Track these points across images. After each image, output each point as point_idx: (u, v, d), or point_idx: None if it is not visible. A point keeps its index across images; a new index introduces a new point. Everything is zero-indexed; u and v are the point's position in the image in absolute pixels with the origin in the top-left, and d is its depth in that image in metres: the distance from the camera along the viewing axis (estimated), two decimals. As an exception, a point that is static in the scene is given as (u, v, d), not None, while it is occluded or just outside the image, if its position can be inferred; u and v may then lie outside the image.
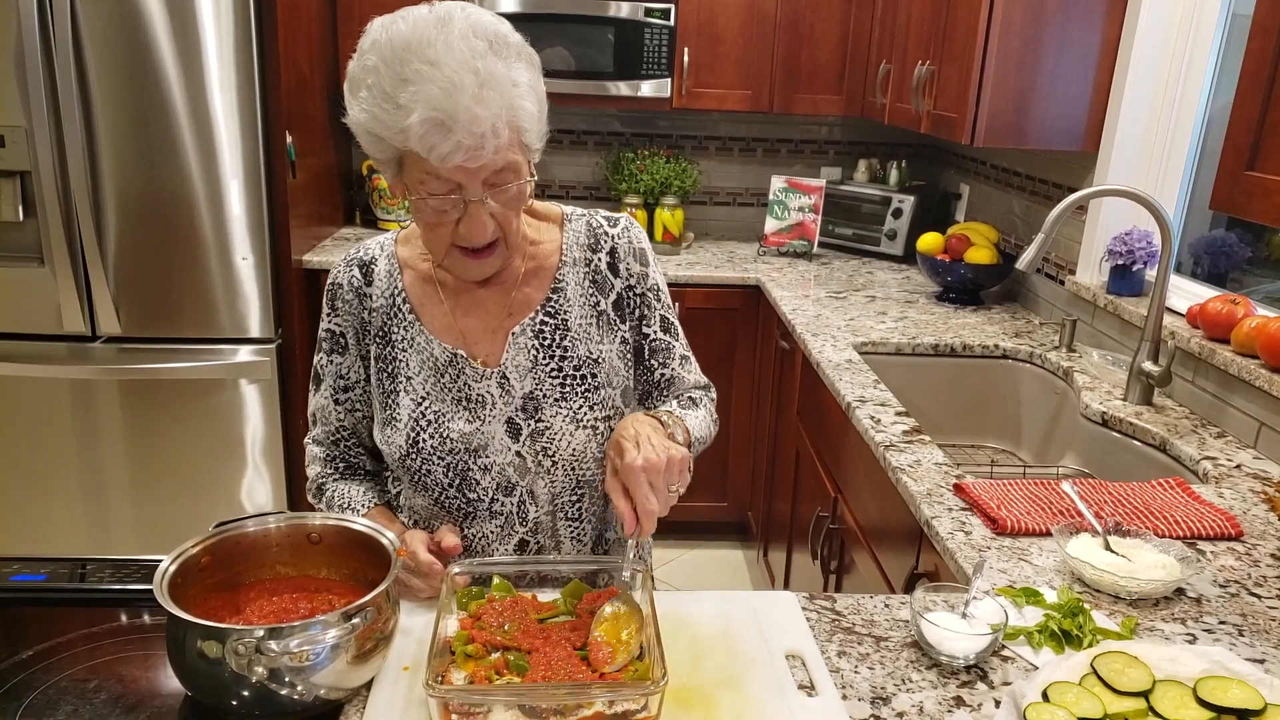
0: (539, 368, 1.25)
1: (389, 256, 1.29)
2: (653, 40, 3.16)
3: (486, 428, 1.24)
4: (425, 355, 1.25)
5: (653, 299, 1.33)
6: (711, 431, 1.36)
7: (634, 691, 0.93)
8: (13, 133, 2.47)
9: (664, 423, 1.17)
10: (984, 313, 2.75)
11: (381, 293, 1.27)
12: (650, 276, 1.32)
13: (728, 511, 3.36)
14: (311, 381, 1.33)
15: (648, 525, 1.07)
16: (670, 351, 1.35)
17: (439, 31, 1.04)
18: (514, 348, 1.25)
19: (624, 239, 1.31)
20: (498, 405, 1.24)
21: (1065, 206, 1.91)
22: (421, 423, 1.24)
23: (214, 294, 2.68)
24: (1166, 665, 1.01)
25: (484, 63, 1.04)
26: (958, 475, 1.60)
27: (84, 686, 1.00)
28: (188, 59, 2.50)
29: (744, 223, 3.77)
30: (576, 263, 1.29)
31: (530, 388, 1.25)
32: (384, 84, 1.04)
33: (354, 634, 0.93)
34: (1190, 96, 2.25)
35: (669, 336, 1.35)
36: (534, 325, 1.26)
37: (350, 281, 1.28)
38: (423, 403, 1.24)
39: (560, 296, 1.27)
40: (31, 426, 2.72)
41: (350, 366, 1.29)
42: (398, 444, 1.25)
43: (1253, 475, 1.67)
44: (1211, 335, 1.93)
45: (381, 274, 1.28)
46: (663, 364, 1.34)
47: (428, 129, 1.03)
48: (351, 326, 1.28)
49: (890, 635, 1.13)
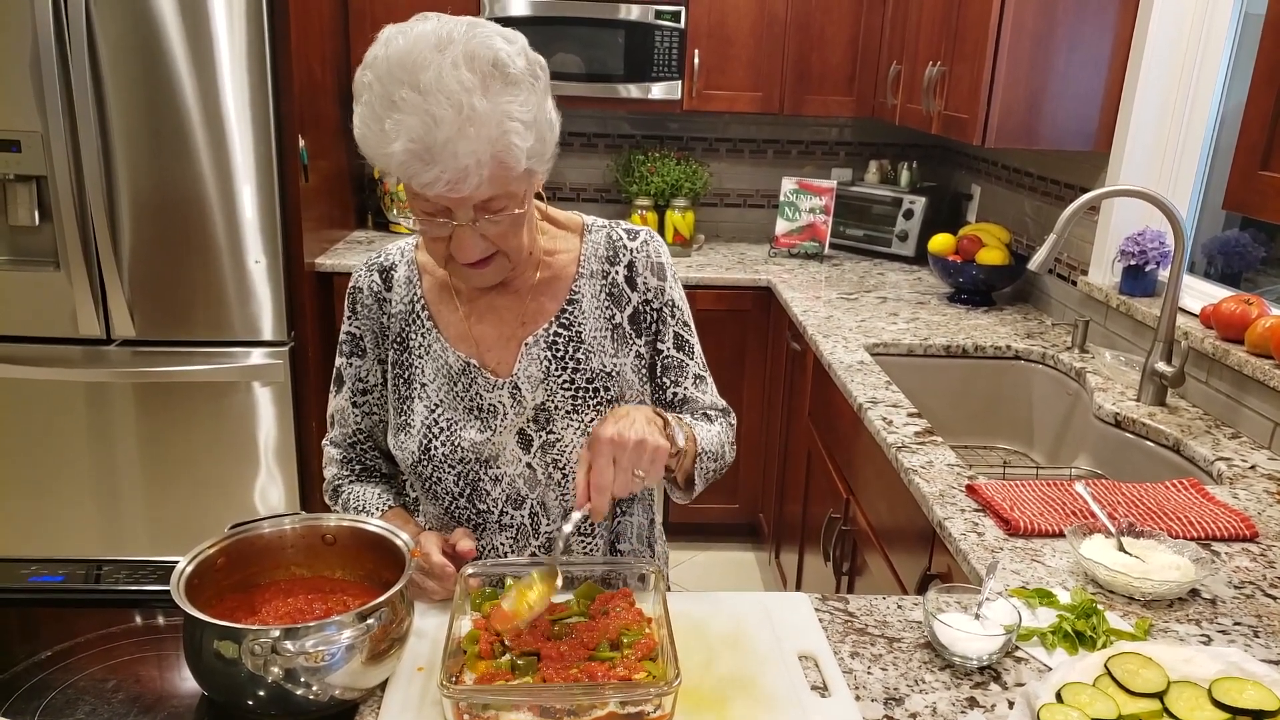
0: (551, 379, 1.25)
1: (409, 263, 1.29)
2: (663, 42, 3.16)
3: (498, 438, 1.24)
4: (440, 362, 1.25)
5: (668, 314, 1.30)
6: (726, 452, 1.31)
7: (648, 692, 0.93)
8: (29, 138, 2.49)
9: (665, 419, 1.13)
10: (996, 314, 2.74)
11: (401, 299, 1.27)
12: (667, 292, 1.30)
13: (739, 513, 3.36)
14: (333, 383, 1.34)
15: (597, 501, 1.03)
16: (684, 370, 1.32)
17: (434, 56, 1.00)
18: (526, 358, 1.25)
19: (643, 253, 1.29)
20: (509, 416, 1.24)
21: (1077, 207, 1.90)
22: (434, 430, 1.24)
23: (227, 297, 2.69)
24: (1181, 666, 1.01)
25: (471, 99, 1.00)
26: (970, 476, 1.60)
27: (102, 686, 1.01)
28: (201, 63, 2.52)
29: (755, 224, 3.77)
30: (594, 274, 1.28)
31: (542, 399, 1.25)
32: (375, 105, 1.03)
33: (369, 634, 0.93)
34: (1203, 96, 2.24)
35: (682, 354, 1.32)
36: (547, 336, 1.25)
37: (370, 286, 1.28)
38: (436, 410, 1.24)
39: (575, 309, 1.26)
40: (47, 429, 2.74)
41: (369, 370, 1.30)
42: (410, 450, 1.26)
43: (1267, 476, 1.66)
44: (1225, 336, 1.92)
45: (401, 280, 1.28)
46: (675, 382, 1.31)
47: (408, 159, 1.01)
48: (370, 331, 1.29)
49: (903, 636, 1.13)
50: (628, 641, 1.02)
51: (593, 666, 0.98)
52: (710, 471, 1.27)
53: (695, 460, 1.22)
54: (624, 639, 1.03)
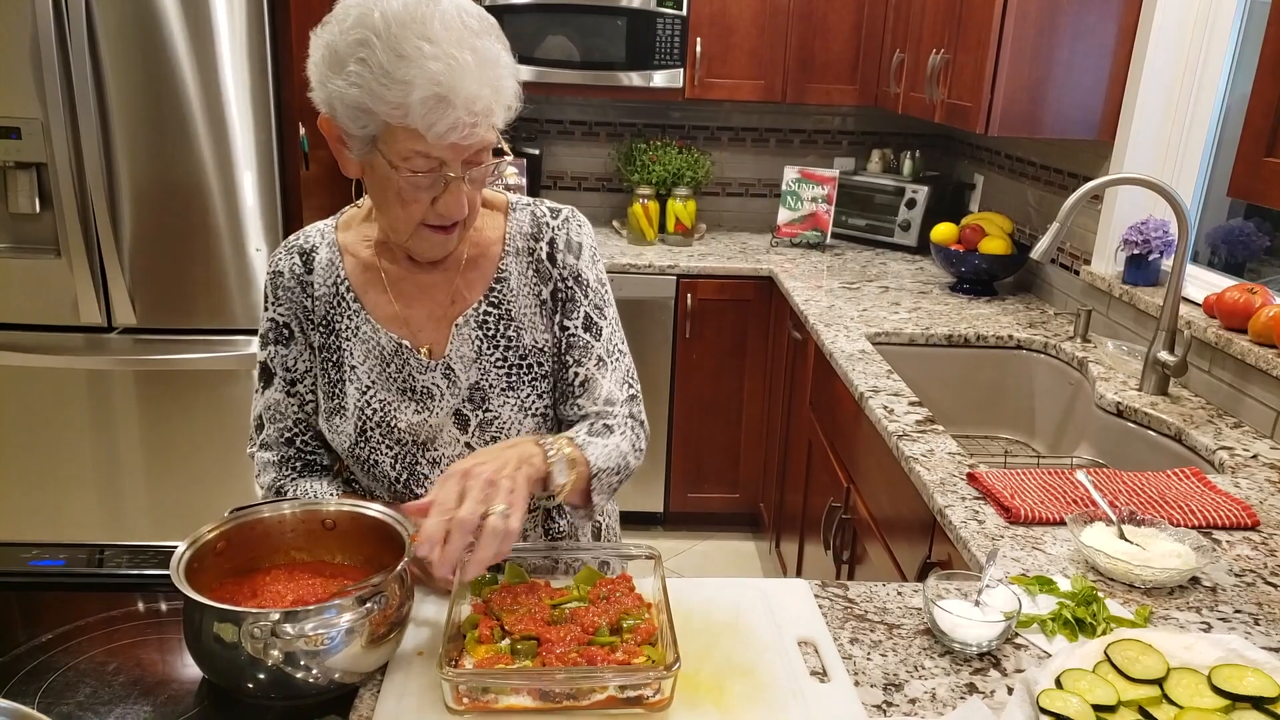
0: (484, 358, 1.24)
1: (330, 244, 1.27)
2: (665, 30, 3.15)
3: (435, 419, 1.23)
4: (371, 344, 1.23)
5: (579, 293, 1.27)
6: (630, 461, 1.24)
7: (647, 676, 0.93)
8: (29, 125, 2.49)
9: (545, 453, 1.09)
10: (998, 303, 2.73)
11: (324, 281, 1.25)
12: (582, 272, 1.28)
13: (739, 503, 3.37)
14: (259, 379, 1.28)
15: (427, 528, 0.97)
16: (588, 351, 1.27)
17: (430, 9, 1.03)
18: (458, 339, 1.24)
19: (564, 230, 1.28)
20: (445, 397, 1.24)
21: (1080, 195, 1.90)
22: (367, 411, 1.23)
23: (228, 285, 2.69)
24: (1181, 653, 1.01)
25: (477, 41, 1.05)
26: (971, 465, 1.60)
27: (103, 669, 1.01)
28: (201, 50, 2.51)
29: (757, 214, 3.76)
30: (519, 252, 1.27)
31: (476, 378, 1.24)
32: (380, 59, 1.02)
33: (368, 618, 0.93)
34: (1208, 84, 2.23)
35: (589, 335, 1.27)
36: (477, 316, 1.25)
37: (291, 269, 1.25)
38: (367, 392, 1.23)
39: (504, 287, 1.26)
40: (49, 416, 2.75)
41: (298, 356, 1.27)
42: (346, 433, 1.24)
43: (1269, 465, 1.66)
44: (1228, 325, 1.92)
45: (323, 261, 1.26)
46: (578, 362, 1.27)
47: (430, 105, 1.02)
48: (295, 315, 1.25)
49: (903, 623, 1.13)
50: (627, 626, 1.02)
51: (592, 651, 0.98)
52: (611, 485, 1.22)
53: (591, 481, 1.16)
54: (623, 624, 1.03)
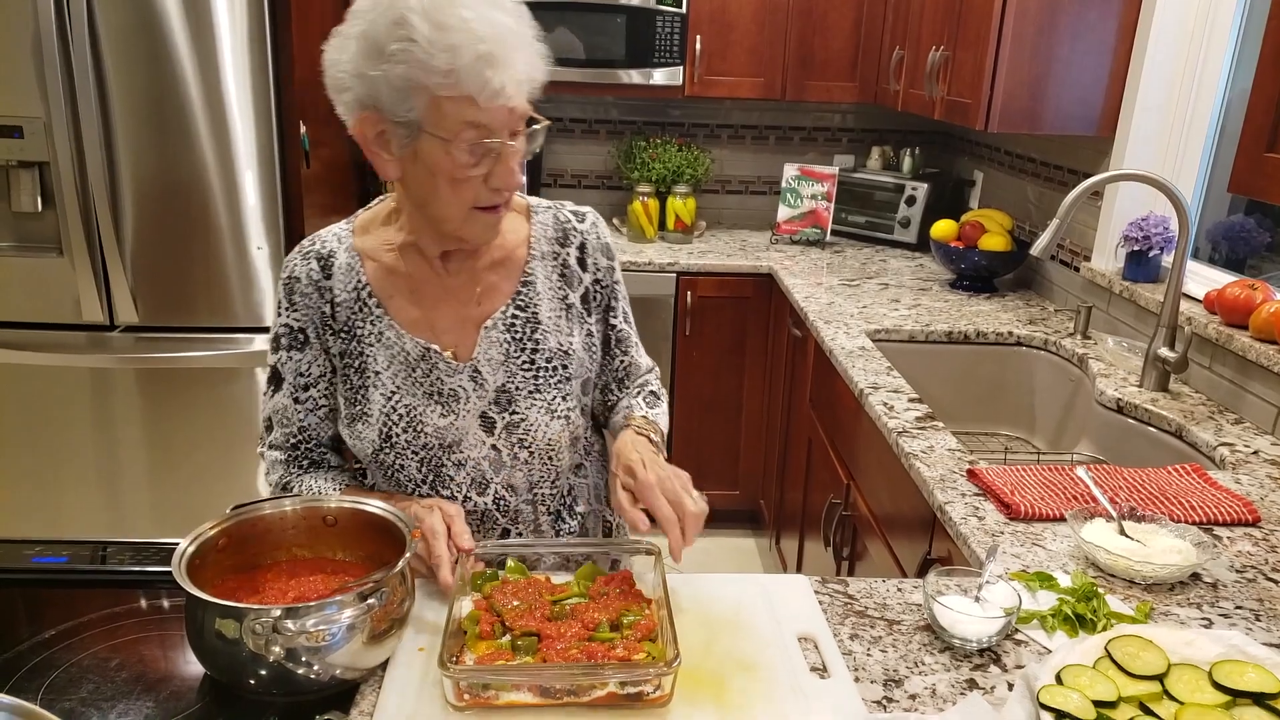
0: (511, 361, 1.26)
1: (348, 249, 1.26)
2: (664, 28, 3.15)
3: (461, 422, 1.24)
4: (395, 350, 1.23)
5: (619, 290, 1.37)
6: None
7: (647, 672, 0.94)
8: (31, 124, 2.49)
9: (655, 444, 1.25)
10: (998, 300, 2.73)
11: (344, 286, 1.24)
12: (615, 270, 1.36)
13: (739, 500, 3.37)
14: (268, 382, 1.29)
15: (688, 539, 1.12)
16: (629, 340, 1.40)
17: None
18: (486, 341, 1.25)
19: (593, 234, 1.34)
20: (471, 399, 1.24)
21: (1081, 191, 1.89)
22: (393, 417, 1.23)
23: (229, 283, 2.69)
24: (1182, 649, 1.01)
25: (509, 4, 1.10)
26: (971, 461, 1.60)
27: (106, 665, 1.01)
28: (202, 49, 2.51)
29: (756, 211, 3.76)
30: (545, 256, 1.30)
31: (503, 380, 1.25)
32: (423, 31, 1.05)
33: (369, 614, 0.94)
34: (1209, 80, 2.23)
35: (628, 326, 1.40)
36: (505, 319, 1.26)
37: (308, 274, 1.24)
38: (393, 397, 1.23)
39: (530, 290, 1.28)
40: (51, 414, 2.75)
41: (311, 362, 1.26)
42: (370, 439, 1.24)
43: (1270, 461, 1.66)
44: (1229, 321, 1.92)
45: (341, 267, 1.25)
46: (624, 352, 1.39)
47: (482, 65, 1.05)
48: (311, 321, 1.25)
49: (903, 619, 1.13)
50: (627, 622, 1.03)
51: (592, 647, 0.98)
52: None
53: None
54: (624, 620, 1.03)
